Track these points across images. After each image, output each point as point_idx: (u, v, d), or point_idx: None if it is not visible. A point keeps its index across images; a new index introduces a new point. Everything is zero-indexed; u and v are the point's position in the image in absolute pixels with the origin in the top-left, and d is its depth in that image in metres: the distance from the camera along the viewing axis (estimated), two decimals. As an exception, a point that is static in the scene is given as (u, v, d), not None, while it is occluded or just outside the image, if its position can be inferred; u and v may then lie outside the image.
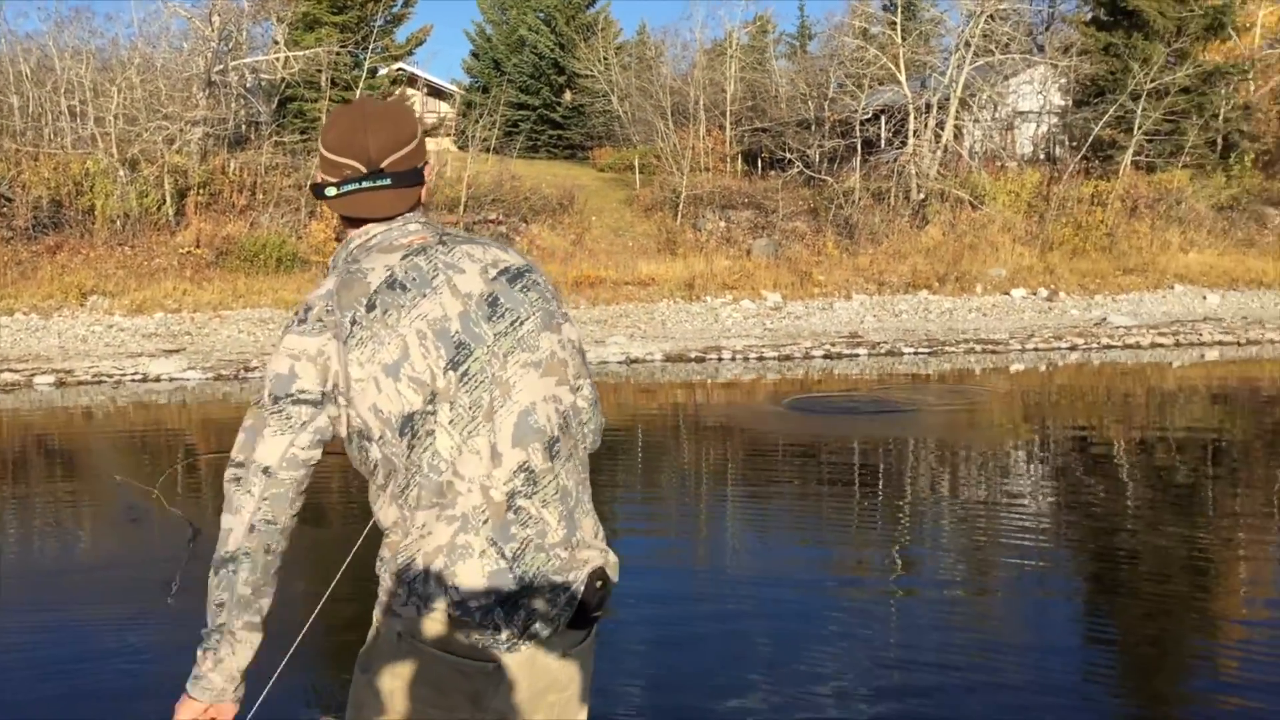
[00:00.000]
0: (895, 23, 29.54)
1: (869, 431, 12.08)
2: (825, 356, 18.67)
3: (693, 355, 18.39)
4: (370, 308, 1.89)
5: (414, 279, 1.93)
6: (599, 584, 2.01)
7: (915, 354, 19.06)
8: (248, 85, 28.42)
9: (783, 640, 5.32)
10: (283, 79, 27.83)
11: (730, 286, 23.78)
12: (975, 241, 26.42)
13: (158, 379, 15.88)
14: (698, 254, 25.64)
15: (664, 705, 4.55)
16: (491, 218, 26.23)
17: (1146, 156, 29.28)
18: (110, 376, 15.91)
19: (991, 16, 28.50)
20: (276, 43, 27.95)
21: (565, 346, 2.05)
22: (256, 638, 1.92)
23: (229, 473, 1.90)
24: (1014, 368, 17.73)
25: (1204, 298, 24.57)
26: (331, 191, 1.99)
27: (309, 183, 2.07)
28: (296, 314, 1.95)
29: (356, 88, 28.10)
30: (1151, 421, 12.97)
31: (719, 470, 10.41)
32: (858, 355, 18.86)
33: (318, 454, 1.91)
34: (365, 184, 1.98)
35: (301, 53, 27.06)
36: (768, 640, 5.30)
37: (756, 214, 27.88)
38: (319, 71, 27.33)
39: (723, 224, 27.49)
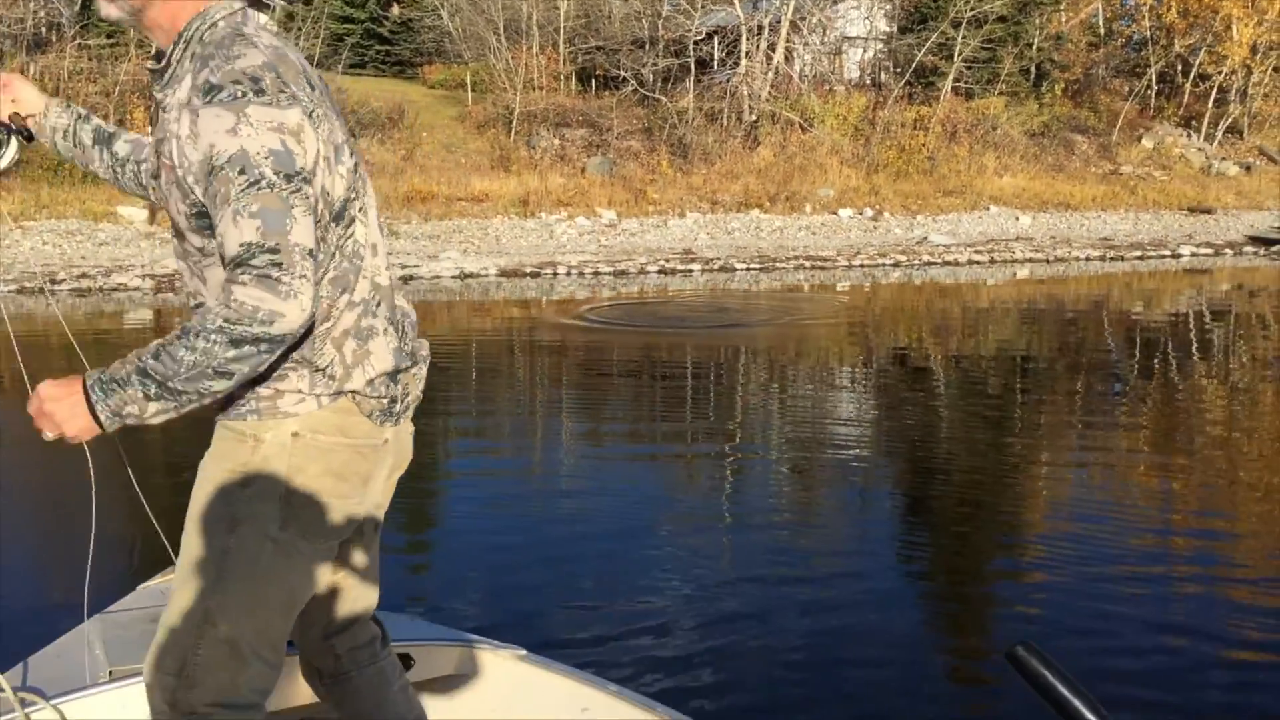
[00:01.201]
0: (728, -58, 29.54)
1: (700, 343, 12.28)
2: (660, 272, 18.83)
3: (528, 270, 18.27)
4: (312, 86, 1.80)
5: (308, 73, 1.83)
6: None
7: (748, 270, 19.41)
8: (46, -16, 26.40)
9: (614, 548, 5.33)
10: (85, -22, 25.95)
11: (565, 203, 23.63)
12: (805, 163, 26.94)
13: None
14: (532, 171, 25.36)
15: (500, 615, 4.47)
16: (317, 131, 25.24)
17: (965, 83, 30.31)
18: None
19: (822, -61, 28.81)
20: (78, -62, 26.02)
21: None
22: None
23: (262, 259, 1.66)
24: (841, 284, 18.26)
25: (1016, 218, 25.75)
26: None
27: None
28: (243, 86, 1.69)
29: (168, -10, 26.37)
30: (968, 337, 13.59)
31: (550, 383, 10.42)
32: (692, 271, 19.09)
33: None
34: None
35: (105, -50, 25.21)
36: (600, 551, 5.26)
37: (591, 132, 27.69)
38: (126, -29, 25.52)
39: (557, 142, 27.22)
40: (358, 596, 2.13)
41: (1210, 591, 4.74)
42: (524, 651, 2.55)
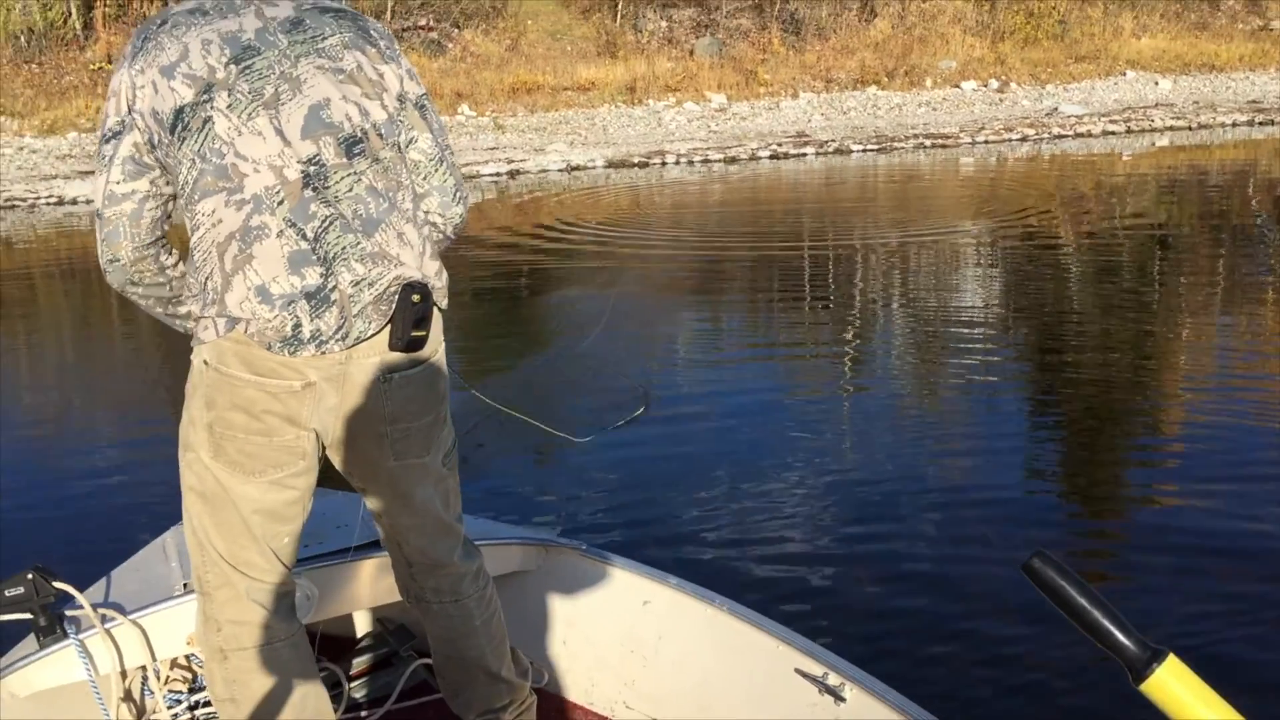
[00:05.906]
0: None
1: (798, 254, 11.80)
2: (772, 157, 18.18)
3: (636, 160, 17.83)
4: (163, 24, 1.85)
5: (219, 7, 1.87)
6: (415, 297, 1.85)
7: (864, 151, 18.61)
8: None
9: (739, 451, 5.11)
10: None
11: (673, 89, 22.97)
12: (925, 34, 25.60)
13: (74, 201, 15.14)
14: (639, 56, 24.66)
15: (627, 522, 4.35)
16: (421, 23, 24.93)
17: (1101, -62, 28.26)
18: (24, 201, 15.14)
19: None
20: None
21: (386, 78, 1.94)
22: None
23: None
24: (964, 160, 17.37)
25: (1156, 83, 24.12)
26: None
27: None
28: None
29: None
30: (1102, 213, 12.78)
31: (667, 285, 10.13)
32: (805, 155, 18.39)
33: (143, 185, 1.83)
34: None
35: None
36: (724, 456, 5.04)
37: (699, 12, 26.73)
38: None
39: (664, 24, 26.39)
40: (415, 543, 2.07)
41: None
42: (585, 547, 2.55)
